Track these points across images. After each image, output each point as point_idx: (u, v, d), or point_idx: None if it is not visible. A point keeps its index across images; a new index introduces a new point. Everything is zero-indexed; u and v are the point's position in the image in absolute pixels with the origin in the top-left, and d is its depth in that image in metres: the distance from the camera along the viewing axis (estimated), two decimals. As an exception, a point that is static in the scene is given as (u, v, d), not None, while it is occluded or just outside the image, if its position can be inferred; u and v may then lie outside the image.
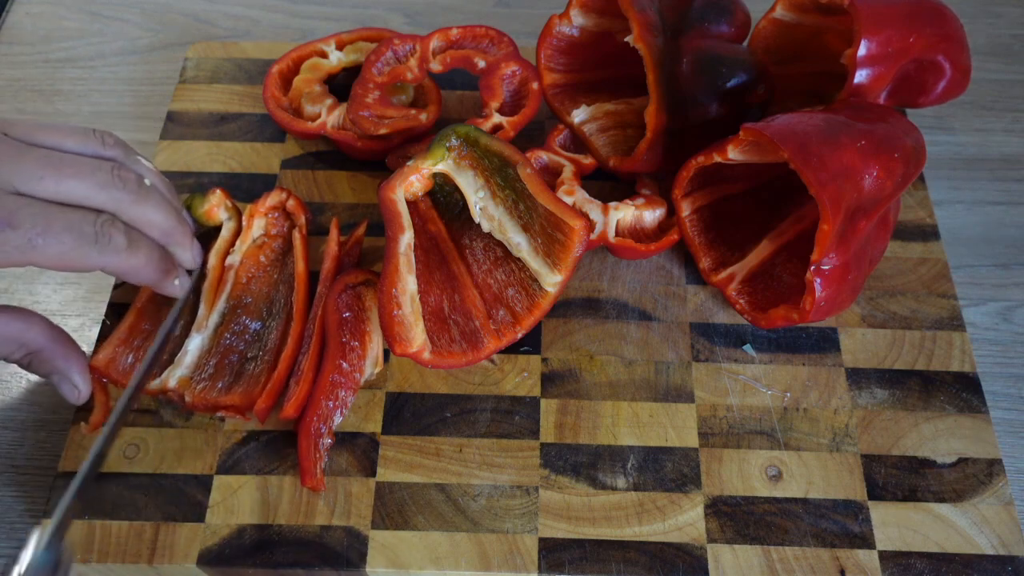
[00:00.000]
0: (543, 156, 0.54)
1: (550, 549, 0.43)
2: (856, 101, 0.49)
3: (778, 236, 0.51)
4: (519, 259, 0.48)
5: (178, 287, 0.46)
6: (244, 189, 0.56)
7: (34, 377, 0.54)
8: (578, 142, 0.56)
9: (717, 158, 0.47)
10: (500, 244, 0.50)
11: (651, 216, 0.52)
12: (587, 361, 0.49)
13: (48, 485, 0.48)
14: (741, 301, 0.50)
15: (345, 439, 0.46)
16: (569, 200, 0.51)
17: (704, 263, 0.52)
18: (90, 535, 0.43)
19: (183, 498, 0.45)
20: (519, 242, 0.48)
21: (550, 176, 0.54)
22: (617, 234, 0.51)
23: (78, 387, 0.44)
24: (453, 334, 0.48)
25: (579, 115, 0.56)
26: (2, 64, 0.70)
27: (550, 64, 0.57)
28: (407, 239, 0.46)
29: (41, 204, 0.39)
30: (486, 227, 0.48)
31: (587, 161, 0.55)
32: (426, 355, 0.46)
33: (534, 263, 0.48)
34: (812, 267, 0.44)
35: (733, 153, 0.47)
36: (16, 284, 0.57)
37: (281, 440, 0.46)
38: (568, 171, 0.53)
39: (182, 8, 0.74)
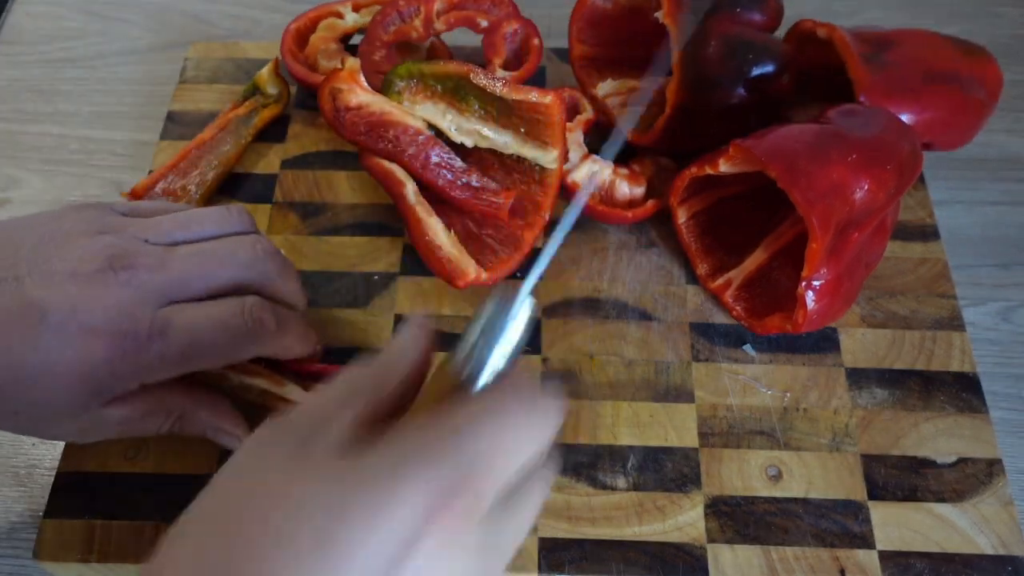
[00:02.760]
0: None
1: (550, 549, 0.43)
2: (850, 107, 0.49)
3: (775, 240, 0.51)
4: (512, 155, 0.51)
5: (318, 348, 0.45)
6: (244, 189, 0.56)
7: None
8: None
9: (709, 170, 0.48)
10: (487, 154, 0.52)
11: (625, 188, 0.53)
12: (587, 361, 0.49)
13: (48, 485, 0.48)
14: (738, 307, 0.50)
15: (345, 439, 0.46)
16: (570, 137, 0.53)
17: (701, 269, 0.52)
18: (90, 535, 0.43)
19: (183, 498, 0.44)
20: (505, 141, 0.51)
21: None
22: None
23: (234, 434, 0.43)
24: (493, 246, 0.51)
25: (604, 88, 0.56)
26: (2, 64, 0.70)
27: (581, 36, 0.57)
28: (411, 188, 0.49)
29: (191, 311, 0.38)
30: (469, 143, 0.51)
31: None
32: (484, 276, 0.48)
33: (527, 151, 0.50)
34: (803, 283, 0.44)
35: (724, 166, 0.47)
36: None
37: (281, 440, 0.46)
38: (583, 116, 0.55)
39: (182, 8, 0.74)
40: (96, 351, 0.36)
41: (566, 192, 0.53)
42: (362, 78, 0.48)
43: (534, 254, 0.52)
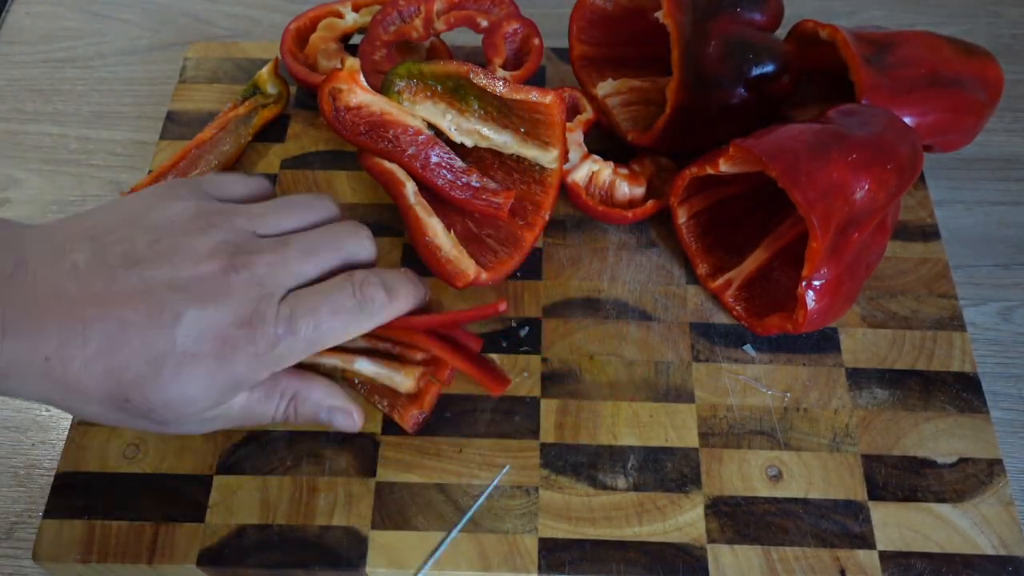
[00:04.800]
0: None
1: (550, 549, 0.43)
2: (850, 107, 0.49)
3: (776, 240, 0.51)
4: (512, 155, 0.51)
5: (427, 297, 0.46)
6: (244, 189, 0.56)
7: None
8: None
9: (709, 170, 0.48)
10: (487, 154, 0.52)
11: (625, 188, 0.53)
12: (587, 361, 0.49)
13: (48, 485, 0.48)
14: (738, 308, 0.50)
15: (345, 439, 0.46)
16: (570, 137, 0.53)
17: (701, 269, 0.52)
18: (90, 535, 0.43)
19: (183, 498, 0.45)
20: (504, 140, 0.50)
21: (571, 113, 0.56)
22: (586, 188, 0.53)
23: (349, 411, 0.43)
24: (493, 246, 0.50)
25: (604, 88, 0.56)
26: (2, 64, 0.70)
27: (581, 36, 0.57)
28: (411, 188, 0.48)
29: (307, 296, 0.40)
30: (469, 143, 0.51)
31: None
32: (483, 276, 0.48)
33: (527, 151, 0.50)
34: (803, 282, 0.44)
35: (725, 166, 0.47)
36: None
37: (281, 440, 0.46)
38: (583, 116, 0.55)
39: (182, 8, 0.74)
40: (230, 348, 0.37)
41: (566, 192, 0.53)
42: (362, 78, 0.48)
43: (534, 254, 0.52)
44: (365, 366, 0.44)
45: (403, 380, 0.45)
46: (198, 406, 0.38)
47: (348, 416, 0.43)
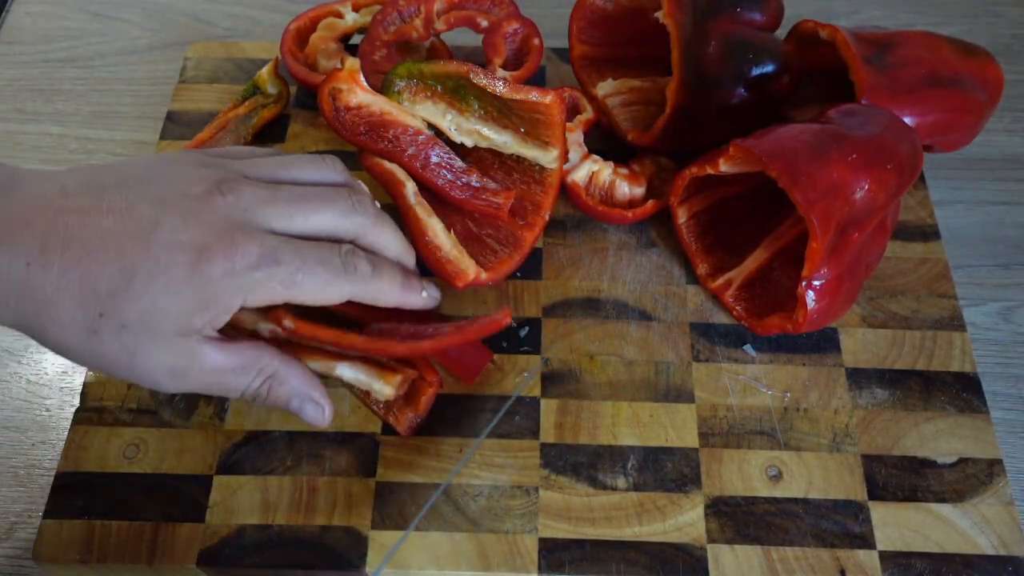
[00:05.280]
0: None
1: (550, 549, 0.43)
2: (850, 107, 0.49)
3: (776, 239, 0.51)
4: (512, 155, 0.51)
5: (427, 298, 0.45)
6: (244, 189, 0.56)
7: (34, 377, 0.54)
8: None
9: (709, 170, 0.48)
10: (486, 153, 0.52)
11: (625, 188, 0.53)
12: (587, 361, 0.49)
13: (48, 485, 0.48)
14: (738, 308, 0.50)
15: (345, 439, 0.46)
16: (570, 137, 0.53)
17: (701, 269, 0.52)
18: (90, 535, 0.43)
19: (183, 498, 0.45)
20: (505, 140, 0.50)
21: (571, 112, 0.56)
22: (586, 188, 0.53)
23: (321, 405, 0.42)
24: (493, 246, 0.51)
25: (604, 88, 0.56)
26: (2, 64, 0.69)
27: (581, 36, 0.57)
28: (411, 188, 0.48)
29: (296, 241, 0.39)
30: (469, 143, 0.51)
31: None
32: (483, 276, 0.48)
33: (527, 151, 0.50)
34: (803, 282, 0.44)
35: (725, 166, 0.47)
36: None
37: (281, 440, 0.46)
38: (583, 116, 0.55)
39: (182, 8, 0.74)
40: (206, 260, 0.37)
41: (566, 192, 0.53)
42: (362, 78, 0.48)
43: (534, 254, 0.52)
44: (346, 372, 0.43)
45: (382, 387, 0.43)
46: (170, 322, 0.37)
47: (319, 410, 0.42)
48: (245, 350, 0.40)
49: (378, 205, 0.44)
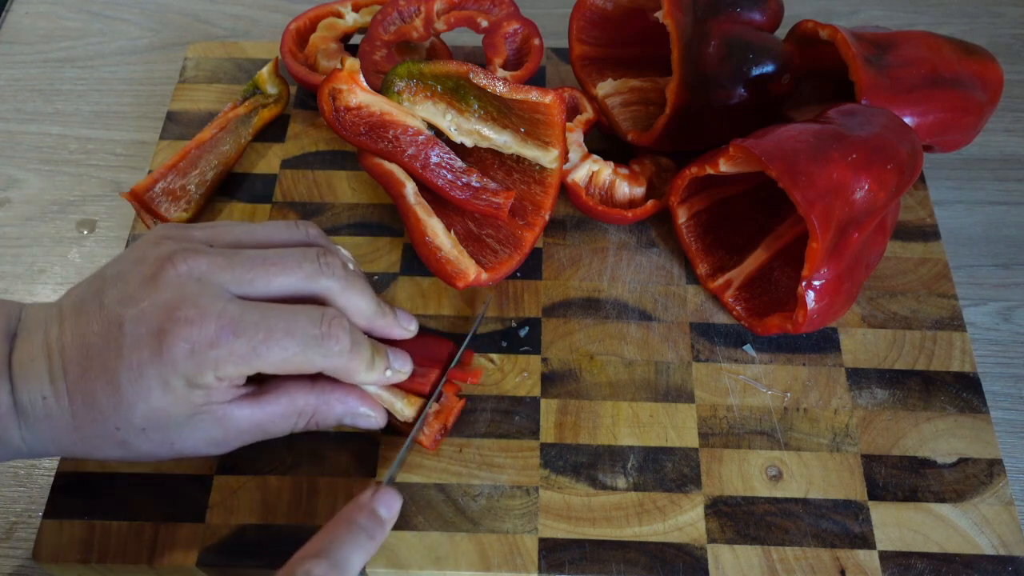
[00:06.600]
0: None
1: (550, 549, 0.43)
2: (850, 107, 0.49)
3: (776, 240, 0.51)
4: (512, 155, 0.51)
5: (390, 376, 0.43)
6: (243, 189, 0.56)
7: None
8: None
9: (709, 170, 0.48)
10: (487, 154, 0.52)
11: (625, 188, 0.53)
12: (587, 361, 0.49)
13: (48, 485, 0.48)
14: (738, 308, 0.50)
15: (345, 439, 0.46)
16: (570, 137, 0.53)
17: (701, 269, 0.52)
18: (90, 535, 0.43)
19: (183, 498, 0.45)
20: (504, 140, 0.51)
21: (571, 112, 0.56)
22: (586, 188, 0.53)
23: (371, 415, 0.43)
24: (493, 246, 0.51)
25: (604, 88, 0.56)
26: (2, 64, 0.70)
27: (581, 36, 0.57)
28: (411, 188, 0.49)
29: (264, 308, 0.38)
30: (469, 143, 0.51)
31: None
32: (484, 276, 0.48)
33: (527, 151, 0.50)
34: (803, 282, 0.44)
35: (724, 166, 0.47)
36: (16, 284, 0.57)
37: (281, 440, 0.46)
38: (584, 116, 0.55)
39: (182, 8, 0.74)
40: (167, 347, 0.36)
41: (566, 192, 0.53)
42: (362, 78, 0.48)
43: (534, 254, 0.52)
44: (371, 388, 0.43)
45: (403, 408, 0.44)
46: (177, 408, 0.37)
47: (370, 419, 0.43)
48: (276, 399, 0.40)
49: (352, 267, 0.42)
